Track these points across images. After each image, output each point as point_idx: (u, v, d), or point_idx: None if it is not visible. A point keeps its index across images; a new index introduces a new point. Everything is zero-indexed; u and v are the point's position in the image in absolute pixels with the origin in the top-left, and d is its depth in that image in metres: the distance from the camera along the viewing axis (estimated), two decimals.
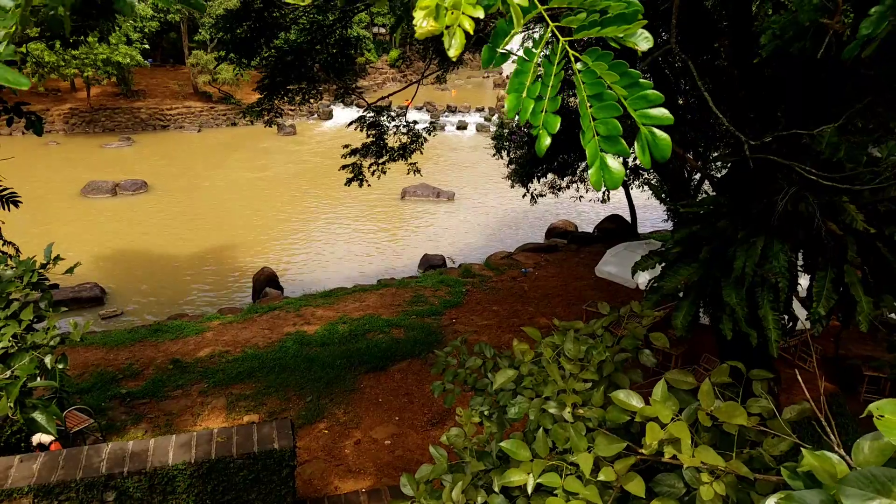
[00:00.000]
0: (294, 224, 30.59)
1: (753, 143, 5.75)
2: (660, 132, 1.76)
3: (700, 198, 17.79)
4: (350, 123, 18.32)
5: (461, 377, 4.84)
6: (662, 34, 11.64)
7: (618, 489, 2.80)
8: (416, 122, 19.16)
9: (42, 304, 7.40)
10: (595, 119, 1.77)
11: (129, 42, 45.60)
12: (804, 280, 9.09)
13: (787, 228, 8.16)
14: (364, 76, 60.73)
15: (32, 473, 7.96)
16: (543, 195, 24.58)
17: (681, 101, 15.77)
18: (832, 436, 2.19)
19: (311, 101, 18.18)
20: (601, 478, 2.82)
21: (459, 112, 56.94)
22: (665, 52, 9.81)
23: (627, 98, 1.75)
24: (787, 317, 8.72)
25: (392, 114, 18.49)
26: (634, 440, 2.92)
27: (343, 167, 18.48)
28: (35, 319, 6.87)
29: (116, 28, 34.48)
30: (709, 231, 8.85)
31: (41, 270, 7.82)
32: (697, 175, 19.51)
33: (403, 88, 20.56)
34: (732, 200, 9.25)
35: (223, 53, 16.64)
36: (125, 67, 46.05)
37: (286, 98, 17.49)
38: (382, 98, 19.99)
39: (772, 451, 2.73)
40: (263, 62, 17.02)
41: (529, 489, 3.00)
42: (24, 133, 40.75)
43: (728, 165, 12.58)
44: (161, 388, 14.47)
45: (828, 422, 2.32)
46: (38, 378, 5.51)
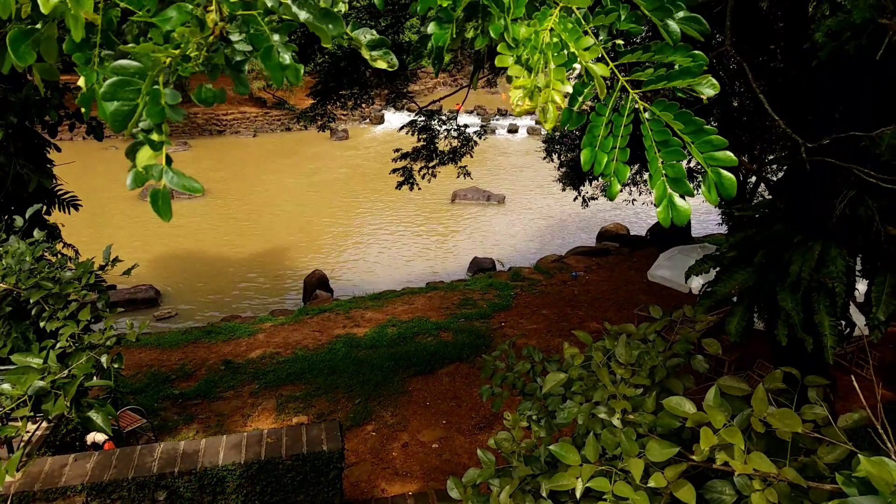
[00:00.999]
0: (344, 227, 30.89)
1: (810, 146, 5.63)
2: (726, 172, 1.95)
3: (756, 201, 17.45)
4: (401, 128, 18.46)
5: (509, 381, 4.83)
6: (718, 36, 11.47)
7: (667, 495, 2.77)
8: (467, 126, 19.20)
9: (99, 305, 7.60)
10: (662, 163, 1.94)
11: None
12: (862, 285, 8.86)
13: (845, 232, 7.97)
14: (415, 81, 60.93)
15: (86, 472, 8.13)
16: (595, 198, 24.35)
17: (735, 104, 15.50)
18: (889, 444, 2.14)
19: (363, 106, 18.40)
20: (651, 484, 2.79)
21: (510, 115, 56.80)
22: (719, 55, 9.66)
23: (693, 143, 1.93)
24: (844, 322, 8.51)
25: (443, 118, 18.57)
26: (685, 447, 2.88)
27: (394, 171, 18.63)
28: (92, 320, 7.06)
29: None
30: (764, 235, 8.69)
31: (99, 272, 8.05)
32: (753, 178, 19.14)
33: (454, 93, 20.63)
34: (789, 204, 9.06)
35: None
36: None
37: (339, 103, 17.71)
38: (433, 102, 20.11)
39: (826, 459, 2.68)
40: (317, 68, 17.25)
41: (578, 493, 2.99)
42: (85, 138, 41.81)
43: (784, 168, 12.32)
44: (213, 389, 14.73)
45: (884, 430, 2.26)
46: (94, 378, 5.66)
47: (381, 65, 2.01)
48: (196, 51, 1.62)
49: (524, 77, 1.89)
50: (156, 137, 1.57)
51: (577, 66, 1.88)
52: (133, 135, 1.60)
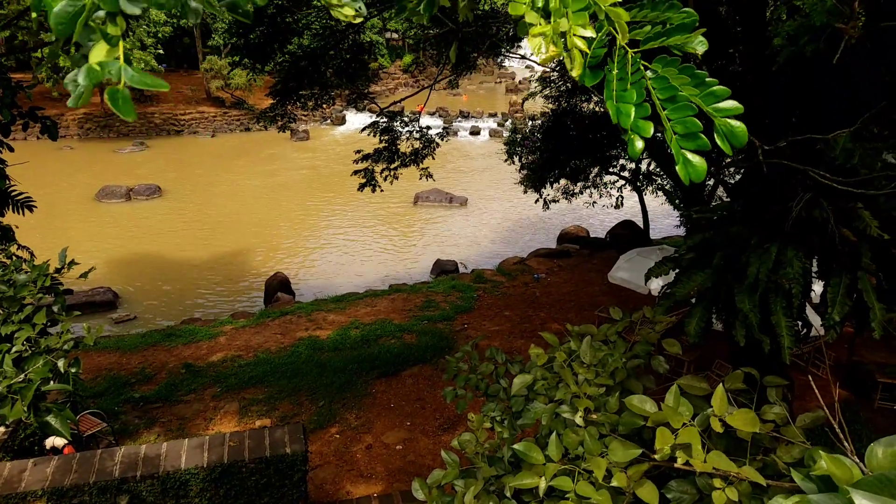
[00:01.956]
0: (306, 229, 30.68)
1: (767, 148, 5.73)
2: (735, 122, 1.94)
3: (714, 203, 17.73)
4: (363, 129, 18.37)
5: (473, 383, 4.85)
6: None
7: (630, 495, 2.80)
8: (429, 128, 19.18)
9: (55, 308, 7.45)
10: (671, 120, 1.92)
11: (143, 47, 45.85)
12: (818, 286, 9.04)
13: (802, 234, 8.13)
14: (377, 81, 60.87)
15: (46, 477, 8.00)
16: (556, 201, 24.55)
17: None
18: (846, 442, 2.18)
19: (324, 107, 18.27)
20: (614, 483, 2.82)
21: (472, 117, 56.94)
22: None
23: (699, 96, 1.91)
24: (801, 323, 8.68)
25: (405, 119, 18.54)
26: (647, 446, 2.91)
27: (355, 172, 18.53)
28: (48, 323, 6.92)
29: (130, 33, 34.79)
30: (722, 237, 8.82)
31: (55, 275, 7.88)
32: (711, 181, 19.44)
33: (416, 93, 20.61)
34: (746, 206, 9.22)
35: (237, 58, 16.75)
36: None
37: (299, 103, 17.58)
38: (395, 103, 20.06)
39: (785, 458, 2.73)
40: (277, 67, 17.12)
41: (541, 492, 3.00)
42: (39, 138, 40.93)
43: (742, 171, 12.53)
44: (174, 393, 14.53)
45: (841, 428, 2.31)
46: (52, 382, 5.55)
47: (348, 12, 1.94)
48: None
49: (542, 24, 1.84)
50: (111, 31, 1.46)
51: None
52: (79, 42, 1.48)
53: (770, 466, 2.73)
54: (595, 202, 25.50)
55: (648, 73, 1.94)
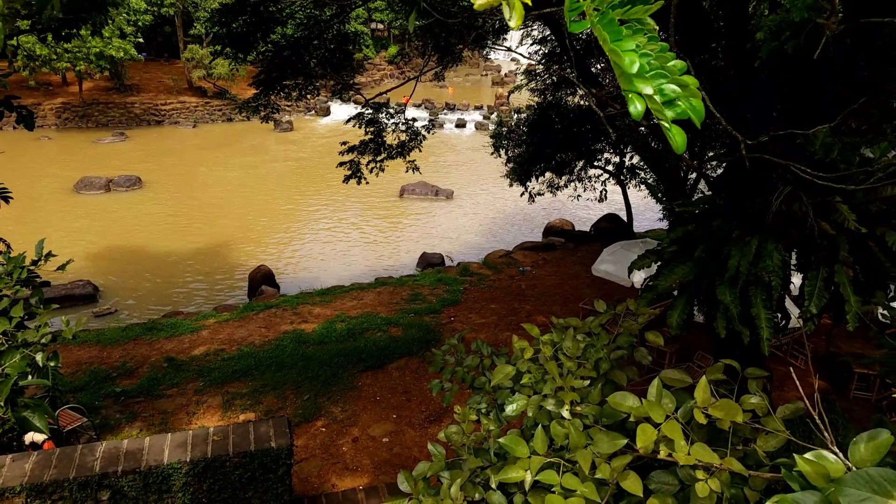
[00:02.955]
0: (290, 221, 30.58)
1: (749, 143, 5.79)
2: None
3: (696, 197, 17.85)
4: (348, 120, 18.32)
5: (459, 375, 4.88)
6: (660, 34, 11.67)
7: (614, 486, 2.84)
8: (415, 120, 19.17)
9: (33, 301, 7.38)
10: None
11: (123, 35, 45.28)
12: (797, 279, 9.15)
13: (781, 228, 8.21)
14: (362, 72, 60.64)
15: (25, 472, 7.91)
16: (542, 194, 24.64)
17: None
18: (826, 433, 2.23)
19: (308, 97, 18.19)
20: (598, 475, 2.86)
21: (458, 110, 56.92)
22: None
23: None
24: (780, 315, 8.78)
25: (390, 111, 18.50)
26: (631, 437, 2.95)
27: (341, 164, 18.48)
28: (26, 317, 6.86)
29: (110, 21, 34.25)
30: (704, 230, 8.90)
31: (32, 267, 7.80)
32: (693, 174, 19.58)
33: (401, 85, 20.58)
34: (728, 200, 9.30)
35: (219, 48, 16.61)
36: (118, 61, 45.64)
37: (283, 94, 17.49)
38: (380, 94, 20.00)
39: (765, 448, 2.78)
40: (260, 57, 17.00)
41: (527, 486, 3.04)
42: (15, 128, 40.60)
43: (724, 165, 12.64)
44: (156, 387, 14.46)
45: (821, 419, 2.36)
46: (30, 376, 5.52)
47: None
48: None
49: None
50: None
51: None
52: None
53: (750, 456, 2.79)
54: (580, 196, 25.62)
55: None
